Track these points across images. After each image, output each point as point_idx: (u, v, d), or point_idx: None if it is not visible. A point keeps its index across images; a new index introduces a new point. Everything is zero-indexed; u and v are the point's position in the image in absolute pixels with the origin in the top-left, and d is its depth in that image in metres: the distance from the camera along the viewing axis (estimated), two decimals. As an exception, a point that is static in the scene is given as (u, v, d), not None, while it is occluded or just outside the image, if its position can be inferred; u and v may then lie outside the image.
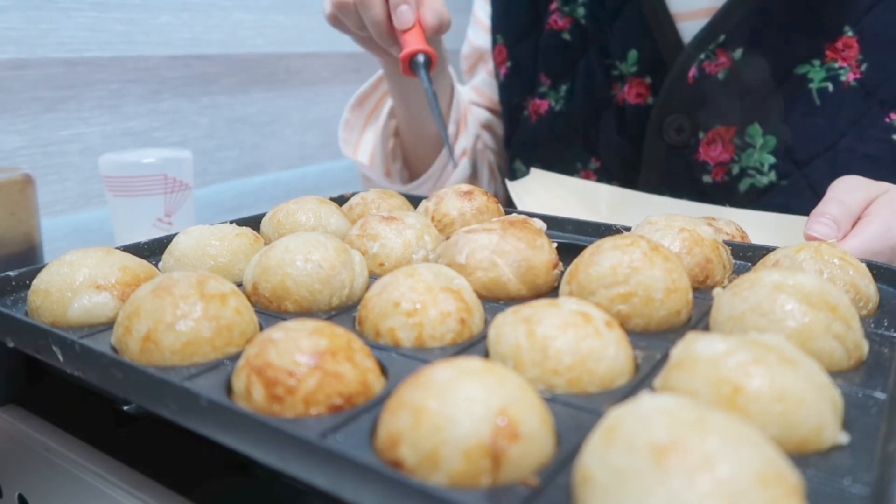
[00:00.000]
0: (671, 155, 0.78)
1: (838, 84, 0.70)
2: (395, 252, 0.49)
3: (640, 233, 0.47)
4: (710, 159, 0.76)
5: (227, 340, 0.35)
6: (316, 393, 0.30)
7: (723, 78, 0.74)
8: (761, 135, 0.73)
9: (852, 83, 0.70)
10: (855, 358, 0.35)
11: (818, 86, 0.71)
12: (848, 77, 0.70)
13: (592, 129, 0.84)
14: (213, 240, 0.48)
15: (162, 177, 0.77)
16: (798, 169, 0.73)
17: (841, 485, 0.25)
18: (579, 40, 0.85)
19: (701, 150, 0.77)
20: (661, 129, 0.78)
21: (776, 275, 0.36)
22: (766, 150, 0.73)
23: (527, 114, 0.91)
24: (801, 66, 0.71)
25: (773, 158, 0.73)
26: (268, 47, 1.23)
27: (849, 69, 0.70)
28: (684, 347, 0.31)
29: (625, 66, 0.80)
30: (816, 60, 0.71)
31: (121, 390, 0.32)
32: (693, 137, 0.77)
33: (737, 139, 0.74)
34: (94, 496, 0.37)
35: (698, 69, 0.75)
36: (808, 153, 0.72)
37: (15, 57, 0.89)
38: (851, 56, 0.69)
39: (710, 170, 0.77)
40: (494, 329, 0.35)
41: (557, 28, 0.86)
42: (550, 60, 0.87)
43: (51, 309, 0.40)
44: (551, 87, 0.88)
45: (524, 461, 0.25)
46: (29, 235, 0.64)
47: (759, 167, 0.74)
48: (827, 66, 0.70)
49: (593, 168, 0.86)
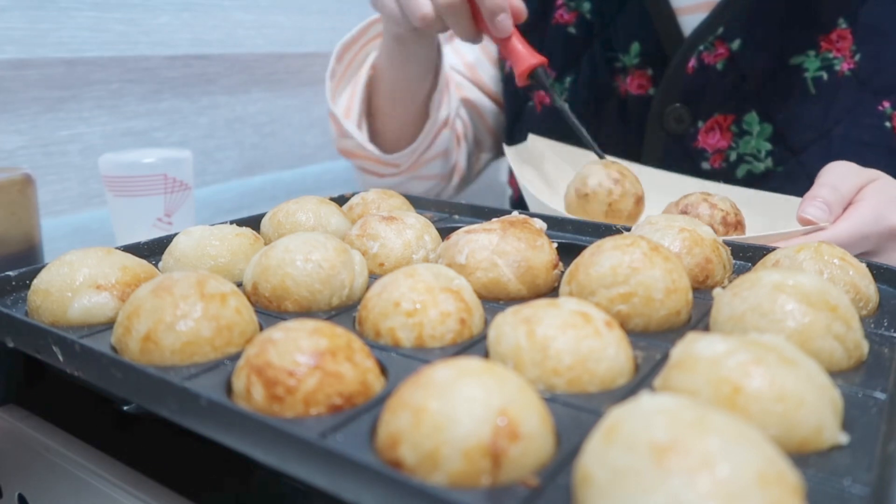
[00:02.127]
0: (671, 143, 0.80)
1: (833, 73, 0.73)
2: (395, 252, 0.49)
3: (640, 233, 0.47)
4: (709, 147, 0.79)
5: (227, 340, 0.35)
6: (316, 393, 0.30)
7: (721, 68, 0.77)
8: (758, 122, 0.76)
9: (846, 73, 0.72)
10: (855, 358, 0.35)
11: (813, 75, 0.73)
12: (842, 67, 0.72)
13: (595, 120, 0.86)
14: (213, 240, 0.48)
15: (162, 177, 0.77)
16: (794, 155, 0.75)
17: (841, 485, 0.25)
18: (584, 34, 0.86)
19: (700, 138, 0.79)
20: (662, 118, 0.80)
21: (776, 275, 0.36)
22: (763, 138, 0.76)
23: (532, 104, 0.92)
24: (797, 56, 0.74)
25: (769, 145, 0.76)
26: (268, 47, 1.23)
27: (843, 59, 0.72)
28: (684, 347, 0.31)
29: (627, 58, 0.83)
30: (811, 51, 0.73)
31: (121, 390, 0.32)
32: (692, 126, 0.79)
33: (734, 127, 0.77)
34: (94, 496, 0.37)
35: (697, 60, 0.77)
36: (804, 140, 0.74)
37: (15, 57, 0.89)
38: (845, 47, 0.72)
39: (708, 157, 0.79)
40: (494, 329, 0.35)
41: (563, 22, 0.87)
42: (556, 54, 0.88)
43: (51, 309, 0.40)
44: (556, 80, 0.89)
45: (524, 461, 0.25)
46: (29, 235, 0.64)
47: (756, 154, 0.76)
48: (822, 57, 0.73)
49: None
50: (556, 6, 0.88)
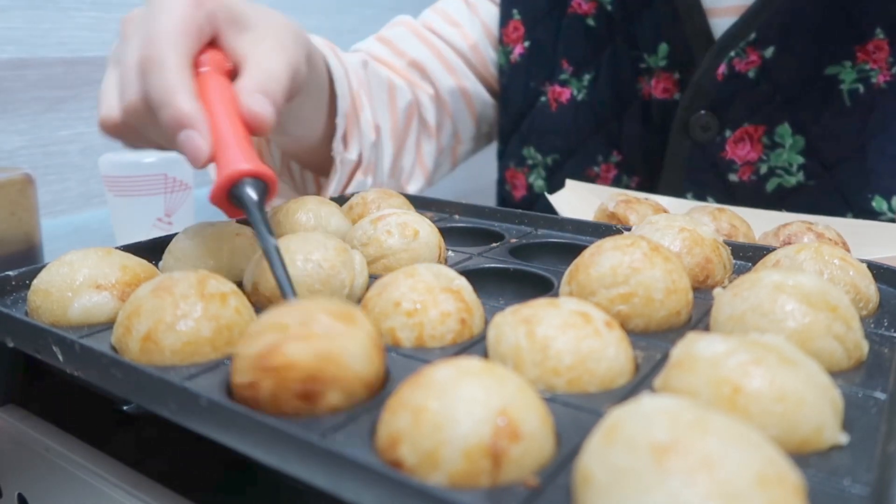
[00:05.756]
0: (696, 152, 0.78)
1: (869, 86, 0.70)
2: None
3: (641, 233, 0.47)
4: (738, 158, 0.76)
5: (227, 340, 0.35)
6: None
7: (753, 76, 0.73)
8: (791, 135, 0.73)
9: (882, 85, 0.69)
10: (855, 358, 0.35)
11: (849, 87, 0.70)
12: (878, 79, 0.69)
13: (615, 122, 0.83)
14: (213, 240, 0.48)
15: (162, 177, 0.77)
16: (826, 170, 0.72)
17: (841, 485, 0.25)
18: (605, 28, 0.82)
19: (728, 149, 0.76)
20: (688, 125, 0.77)
21: (776, 275, 0.36)
22: (795, 151, 0.73)
23: (545, 100, 0.88)
24: (832, 67, 0.71)
25: (801, 158, 0.73)
26: (268, 47, 1.23)
27: (879, 71, 0.69)
28: (684, 348, 0.31)
29: (654, 59, 0.79)
30: (847, 62, 0.70)
31: (121, 390, 0.32)
32: (719, 135, 0.76)
33: (765, 138, 0.74)
34: (94, 496, 0.37)
35: (728, 66, 0.74)
36: (838, 154, 0.72)
37: (15, 57, 0.89)
38: (882, 58, 0.69)
39: (736, 168, 0.76)
40: (494, 329, 0.35)
41: (581, 12, 0.83)
42: (573, 46, 0.84)
43: (51, 309, 0.40)
44: (573, 75, 0.85)
45: (524, 461, 0.25)
46: (29, 235, 0.64)
47: (787, 167, 0.74)
48: (858, 69, 0.70)
49: (614, 161, 0.84)
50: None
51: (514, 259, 0.52)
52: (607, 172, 0.85)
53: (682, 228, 0.47)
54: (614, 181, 0.84)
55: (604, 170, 0.85)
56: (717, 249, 0.46)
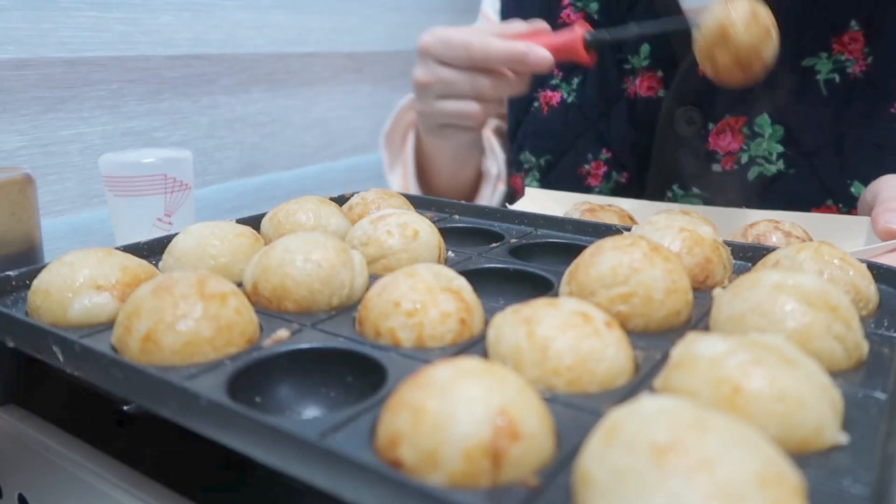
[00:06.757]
0: (682, 145, 0.80)
1: (845, 76, 0.72)
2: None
3: (640, 233, 0.47)
4: (720, 148, 0.78)
5: (227, 340, 0.35)
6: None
7: None
8: (770, 125, 0.76)
9: (858, 75, 0.72)
10: (855, 358, 0.35)
11: (825, 77, 0.73)
12: (854, 69, 0.72)
13: (604, 121, 0.86)
14: (213, 240, 0.48)
15: (162, 177, 0.77)
16: (805, 158, 0.75)
17: (841, 485, 0.25)
18: None
19: (710, 140, 0.79)
20: (673, 120, 0.80)
21: (776, 275, 0.36)
22: (775, 140, 0.76)
23: (538, 105, 0.92)
24: (809, 58, 0.73)
25: (781, 147, 0.75)
26: (268, 47, 1.23)
27: (854, 62, 0.72)
28: (684, 348, 0.31)
29: (637, 59, 0.82)
30: (824, 53, 0.73)
31: (121, 390, 0.33)
32: (703, 128, 0.79)
33: (746, 129, 0.77)
34: (94, 496, 0.37)
35: None
36: (816, 143, 0.74)
37: (15, 57, 0.89)
38: (857, 49, 0.72)
39: (719, 159, 0.79)
40: (494, 329, 0.35)
41: (570, 22, 0.87)
42: None
43: (51, 309, 0.40)
44: (563, 80, 0.89)
45: (524, 461, 0.25)
46: (29, 235, 0.63)
47: (767, 156, 0.76)
48: (834, 59, 0.72)
49: (604, 158, 0.87)
50: (563, 6, 0.88)
51: (513, 259, 0.52)
52: (598, 169, 0.87)
53: (682, 228, 0.47)
54: (605, 177, 0.87)
55: (594, 167, 0.87)
56: (716, 249, 0.46)
